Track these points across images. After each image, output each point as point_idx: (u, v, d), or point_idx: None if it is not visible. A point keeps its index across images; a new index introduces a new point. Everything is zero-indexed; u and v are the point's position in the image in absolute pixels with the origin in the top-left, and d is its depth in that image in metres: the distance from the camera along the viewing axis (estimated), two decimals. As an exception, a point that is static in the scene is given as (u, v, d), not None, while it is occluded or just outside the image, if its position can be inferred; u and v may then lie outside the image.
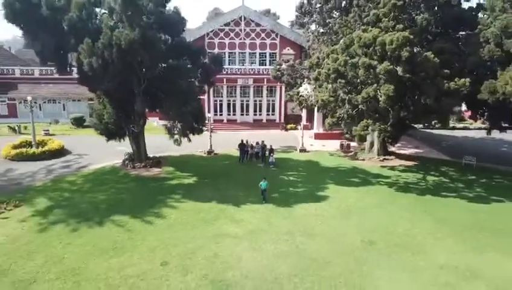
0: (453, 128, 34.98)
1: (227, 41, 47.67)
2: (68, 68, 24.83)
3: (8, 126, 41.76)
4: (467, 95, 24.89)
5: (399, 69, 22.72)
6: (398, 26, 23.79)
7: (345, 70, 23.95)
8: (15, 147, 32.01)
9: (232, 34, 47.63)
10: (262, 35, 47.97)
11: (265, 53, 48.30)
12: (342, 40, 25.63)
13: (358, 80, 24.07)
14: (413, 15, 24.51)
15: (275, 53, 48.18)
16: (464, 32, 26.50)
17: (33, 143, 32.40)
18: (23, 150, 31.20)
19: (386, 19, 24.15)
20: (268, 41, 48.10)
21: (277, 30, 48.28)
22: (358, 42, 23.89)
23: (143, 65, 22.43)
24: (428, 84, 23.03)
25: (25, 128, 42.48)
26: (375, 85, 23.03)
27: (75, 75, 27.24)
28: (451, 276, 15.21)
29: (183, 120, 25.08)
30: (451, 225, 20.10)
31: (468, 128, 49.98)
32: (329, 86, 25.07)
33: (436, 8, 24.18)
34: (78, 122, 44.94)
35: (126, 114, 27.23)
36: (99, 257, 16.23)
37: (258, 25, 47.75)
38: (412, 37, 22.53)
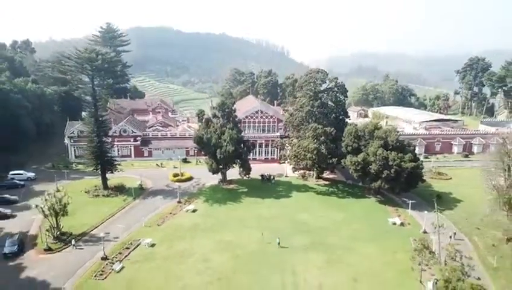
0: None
1: (251, 120, 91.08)
2: (204, 155, 69.40)
3: (156, 164, 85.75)
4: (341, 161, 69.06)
5: (313, 156, 66.73)
6: (315, 140, 67.90)
7: (297, 154, 68.04)
8: (173, 176, 75.73)
9: (254, 117, 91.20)
10: (268, 116, 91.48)
11: (269, 125, 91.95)
12: (297, 143, 69.59)
13: (302, 157, 68.18)
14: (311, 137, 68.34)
15: (275, 125, 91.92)
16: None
17: (179, 174, 76.20)
18: (179, 177, 74.95)
19: (311, 137, 68.35)
20: (271, 119, 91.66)
21: (276, 114, 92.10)
22: (302, 145, 67.95)
23: (231, 154, 66.48)
24: (323, 160, 67.22)
25: (162, 164, 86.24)
26: (306, 160, 67.10)
27: (188, 135, 74.18)
28: (316, 217, 59.17)
29: (245, 170, 69.46)
30: (327, 204, 63.86)
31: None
32: (293, 159, 69.30)
33: (328, 135, 67.99)
34: (184, 160, 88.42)
35: (220, 164, 71.13)
36: (234, 211, 59.99)
37: (266, 112, 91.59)
38: (318, 146, 66.63)
